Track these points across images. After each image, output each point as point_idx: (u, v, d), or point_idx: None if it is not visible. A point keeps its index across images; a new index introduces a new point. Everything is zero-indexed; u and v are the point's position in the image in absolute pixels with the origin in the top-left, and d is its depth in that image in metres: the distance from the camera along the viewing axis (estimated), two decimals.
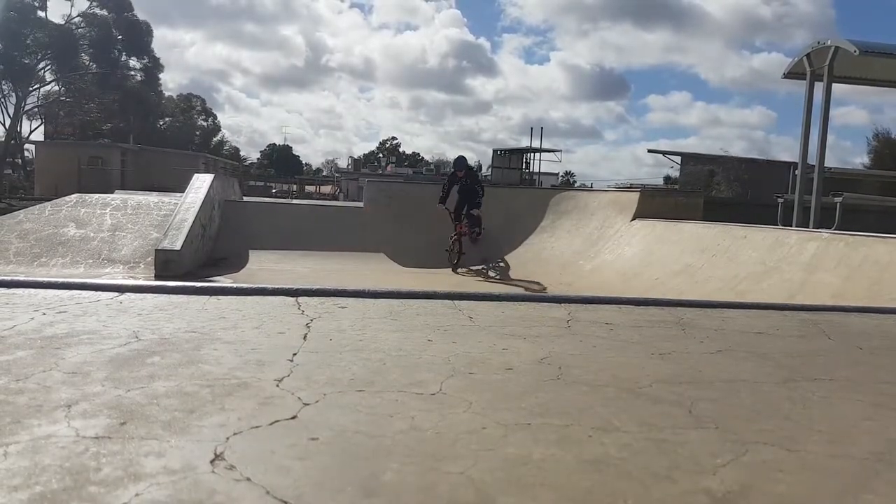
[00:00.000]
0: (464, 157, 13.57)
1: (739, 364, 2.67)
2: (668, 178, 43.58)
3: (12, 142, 44.69)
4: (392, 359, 2.47)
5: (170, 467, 1.43)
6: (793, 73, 15.15)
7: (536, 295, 6.68)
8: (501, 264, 13.10)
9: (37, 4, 43.79)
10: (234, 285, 4.31)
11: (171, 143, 46.79)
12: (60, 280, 3.76)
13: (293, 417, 1.79)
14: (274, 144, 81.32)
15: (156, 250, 10.00)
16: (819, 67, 13.80)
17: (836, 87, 14.01)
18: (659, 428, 1.86)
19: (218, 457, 1.50)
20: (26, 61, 43.89)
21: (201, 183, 12.55)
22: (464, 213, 12.61)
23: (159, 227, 11.01)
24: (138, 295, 3.48)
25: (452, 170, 13.43)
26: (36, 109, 46.58)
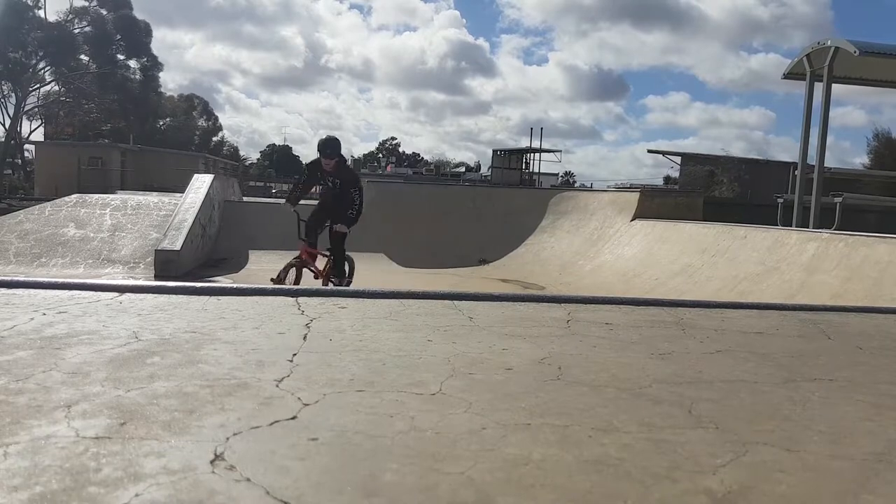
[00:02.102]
0: (335, 140, 7.85)
1: (739, 364, 2.67)
2: (667, 179, 43.61)
3: (12, 142, 44.70)
4: (392, 359, 2.47)
5: (170, 468, 1.43)
6: (792, 74, 15.17)
7: (536, 295, 6.68)
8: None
9: (31, 3, 43.78)
10: (234, 285, 4.31)
11: (170, 144, 46.78)
12: (60, 280, 3.76)
13: (293, 418, 1.79)
14: (274, 145, 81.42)
15: (156, 250, 10.01)
16: (819, 68, 13.81)
17: (834, 87, 14.02)
18: (659, 428, 1.86)
19: (218, 457, 1.50)
20: (25, 60, 43.90)
21: (201, 183, 12.57)
22: (318, 232, 7.92)
23: (159, 228, 11.01)
24: (138, 295, 3.48)
25: (318, 156, 7.81)
26: (36, 110, 46.60)
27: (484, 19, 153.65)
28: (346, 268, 8.18)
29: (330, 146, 7.71)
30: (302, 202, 7.89)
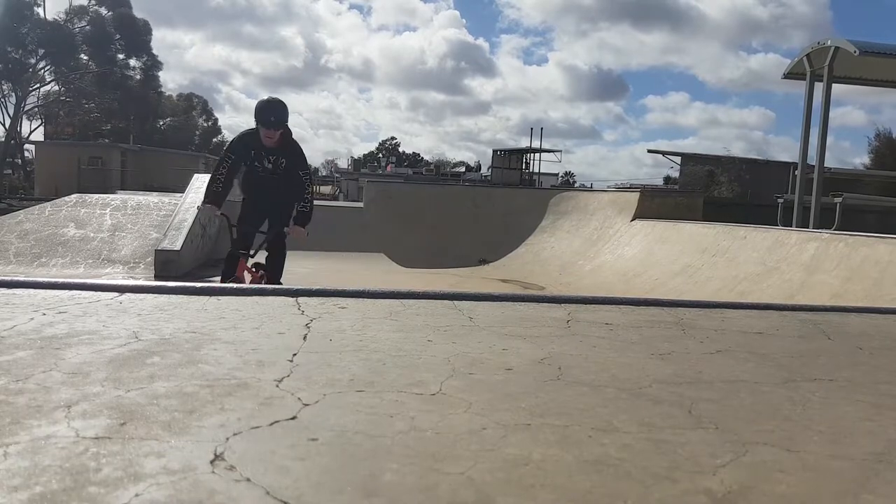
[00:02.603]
0: (282, 103, 5.63)
1: (739, 364, 2.67)
2: (667, 179, 43.63)
3: (12, 142, 44.71)
4: (392, 359, 2.47)
5: (170, 468, 1.43)
6: (793, 74, 15.18)
7: (536, 295, 6.68)
8: None
9: (29, 1, 43.77)
10: (234, 285, 4.31)
11: (171, 144, 46.79)
12: (60, 280, 3.76)
13: (293, 418, 1.79)
14: None
15: (156, 250, 10.00)
16: (819, 68, 13.81)
17: (834, 87, 14.02)
18: (659, 428, 1.86)
19: (218, 457, 1.50)
20: (25, 60, 43.91)
21: (201, 183, 12.55)
22: (266, 236, 5.76)
23: (159, 228, 11.01)
24: (138, 295, 3.48)
25: (253, 127, 5.63)
26: (36, 109, 46.61)
27: (483, 19, 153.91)
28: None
29: (277, 111, 5.41)
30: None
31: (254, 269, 5.78)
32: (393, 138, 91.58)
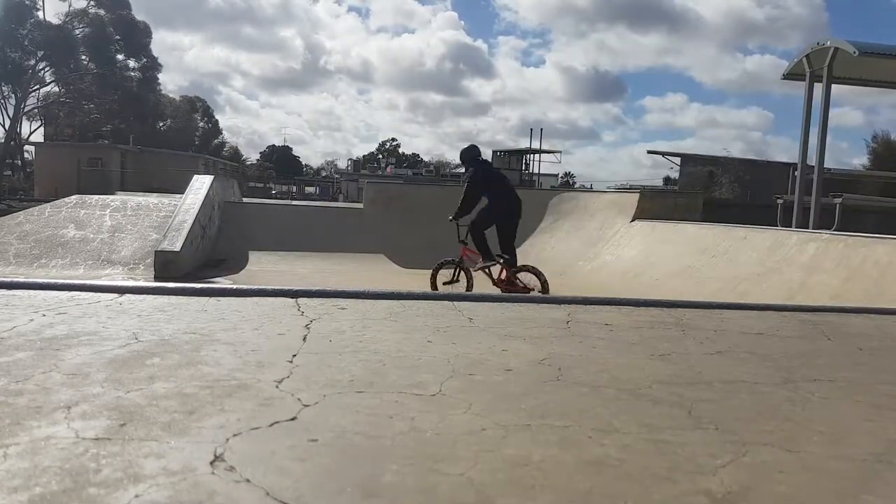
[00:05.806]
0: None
1: (739, 365, 2.67)
2: (667, 179, 43.66)
3: (12, 143, 44.73)
4: (392, 360, 2.47)
5: (169, 469, 1.43)
6: (792, 74, 15.18)
7: (536, 296, 6.67)
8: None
9: (28, 3, 43.72)
10: (234, 286, 4.31)
11: (171, 145, 46.77)
12: (60, 281, 3.76)
13: (293, 419, 1.79)
14: (273, 145, 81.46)
15: (155, 251, 10.00)
16: (818, 68, 13.81)
17: (832, 88, 14.02)
18: (659, 429, 1.86)
19: (218, 458, 1.50)
20: (24, 61, 43.92)
21: (201, 184, 12.56)
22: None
23: (159, 229, 11.01)
24: (138, 296, 3.48)
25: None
26: (35, 111, 46.61)
27: (481, 21, 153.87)
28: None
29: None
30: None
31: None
32: (393, 139, 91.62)
